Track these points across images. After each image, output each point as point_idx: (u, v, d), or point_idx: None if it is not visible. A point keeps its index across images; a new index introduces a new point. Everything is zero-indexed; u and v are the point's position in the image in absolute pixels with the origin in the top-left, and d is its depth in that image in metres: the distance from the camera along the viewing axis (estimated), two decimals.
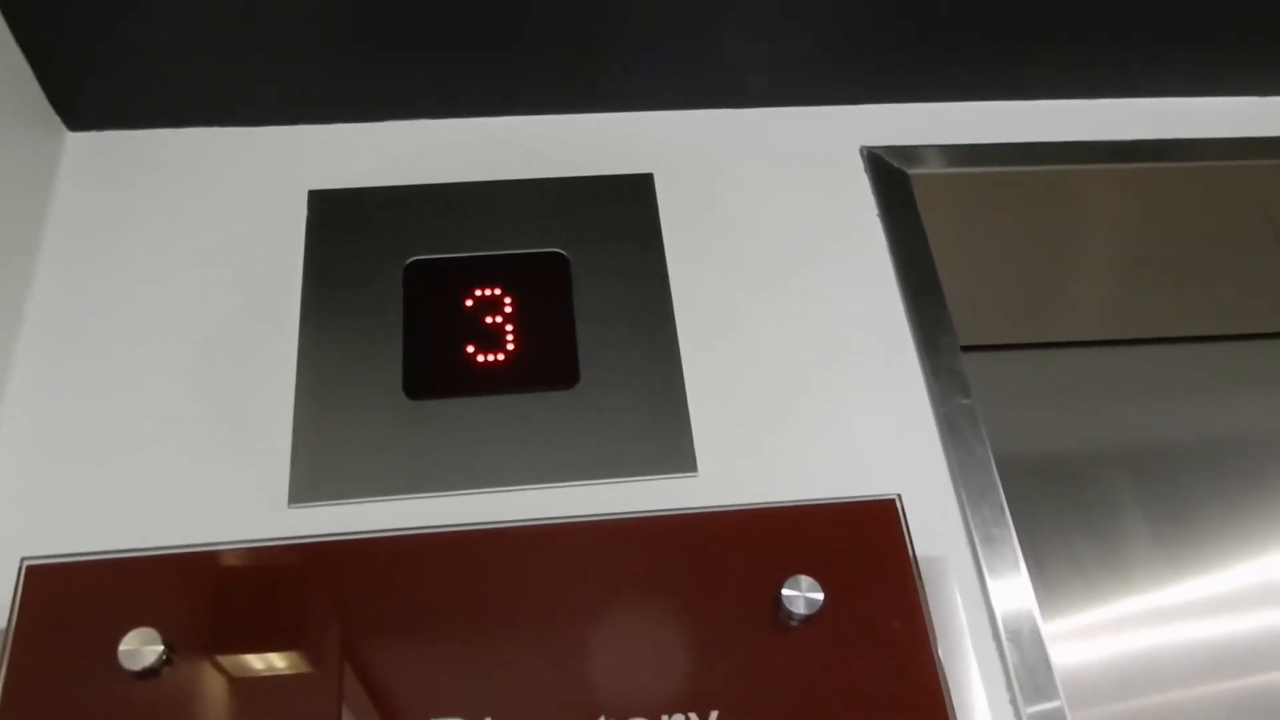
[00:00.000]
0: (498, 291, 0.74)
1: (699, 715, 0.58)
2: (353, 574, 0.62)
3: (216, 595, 0.61)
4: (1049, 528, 1.05)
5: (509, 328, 0.73)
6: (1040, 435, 1.07)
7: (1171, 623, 1.02)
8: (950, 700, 0.60)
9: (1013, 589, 0.66)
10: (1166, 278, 1.00)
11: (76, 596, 0.59)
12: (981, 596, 0.65)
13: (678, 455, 0.68)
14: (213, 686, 0.58)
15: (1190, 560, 1.05)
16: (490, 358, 0.72)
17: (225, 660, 0.59)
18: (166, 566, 0.61)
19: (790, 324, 0.74)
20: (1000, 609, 0.65)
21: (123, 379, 0.69)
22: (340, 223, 0.76)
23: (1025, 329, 1.03)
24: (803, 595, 0.60)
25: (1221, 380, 1.09)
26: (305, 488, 0.66)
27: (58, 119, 0.79)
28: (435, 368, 0.71)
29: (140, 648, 0.57)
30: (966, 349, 0.76)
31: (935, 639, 0.61)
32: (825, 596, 0.61)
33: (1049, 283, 0.99)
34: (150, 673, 0.57)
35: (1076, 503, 1.06)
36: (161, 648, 0.57)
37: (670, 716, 0.58)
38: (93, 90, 0.78)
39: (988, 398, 0.74)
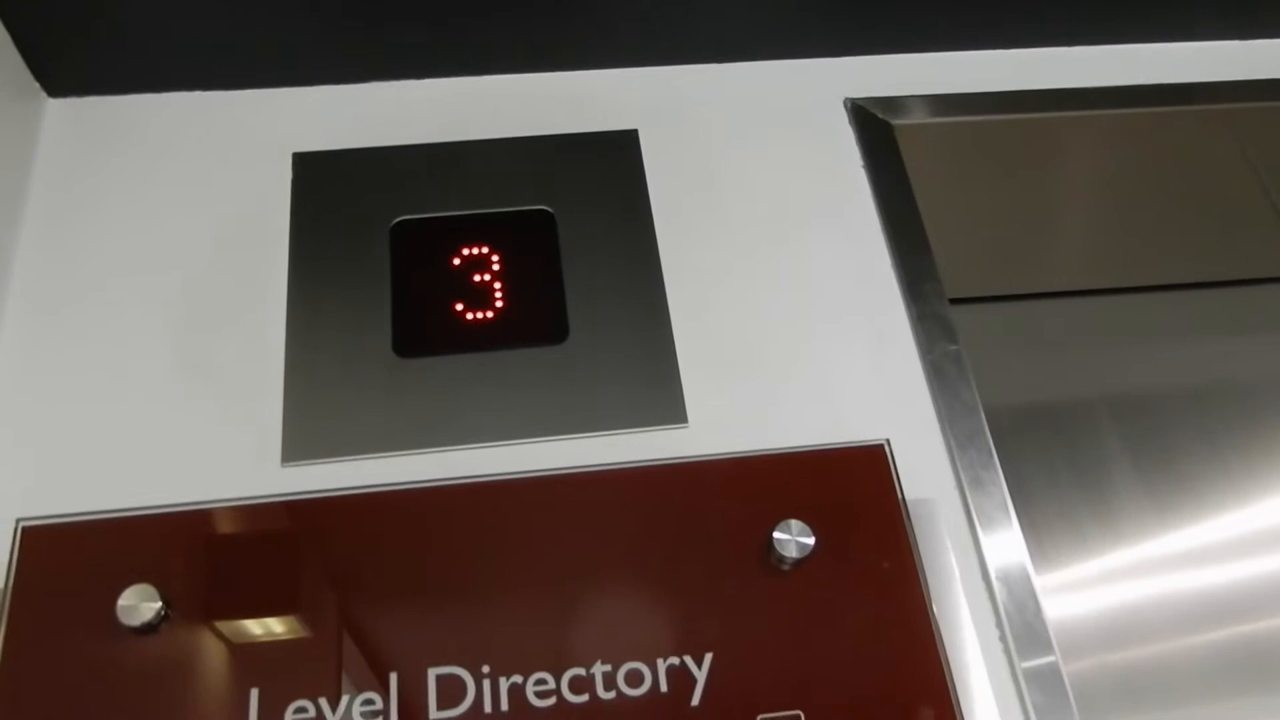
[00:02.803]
0: (485, 250, 0.74)
1: (693, 658, 0.59)
2: (348, 529, 0.62)
3: (214, 553, 0.61)
4: (1038, 478, 1.05)
5: (497, 285, 0.73)
6: (1028, 387, 1.07)
7: (1161, 572, 1.03)
8: (941, 640, 0.60)
9: (1002, 531, 0.66)
10: (1151, 225, 1.01)
11: (73, 556, 0.60)
12: (971, 539, 0.66)
13: (668, 407, 0.69)
14: (212, 642, 0.58)
15: (1178, 508, 1.06)
16: (479, 315, 0.72)
17: (224, 616, 0.59)
18: (163, 525, 0.61)
19: (777, 275, 0.74)
20: (990, 551, 0.65)
21: (110, 343, 0.69)
22: (325, 184, 0.76)
23: (1011, 280, 1.03)
24: (794, 539, 0.61)
25: (1207, 327, 1.09)
26: (298, 446, 0.66)
27: (37, 85, 0.79)
28: (424, 326, 0.71)
29: (139, 604, 0.57)
30: (954, 301, 0.76)
31: (926, 581, 0.62)
32: (816, 540, 0.61)
33: (1034, 232, 0.99)
34: (149, 628, 0.57)
35: (1066, 453, 1.07)
36: (160, 604, 0.57)
37: (665, 660, 0.59)
38: (72, 56, 0.78)
39: (975, 350, 0.75)
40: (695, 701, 0.58)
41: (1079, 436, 1.08)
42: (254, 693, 0.57)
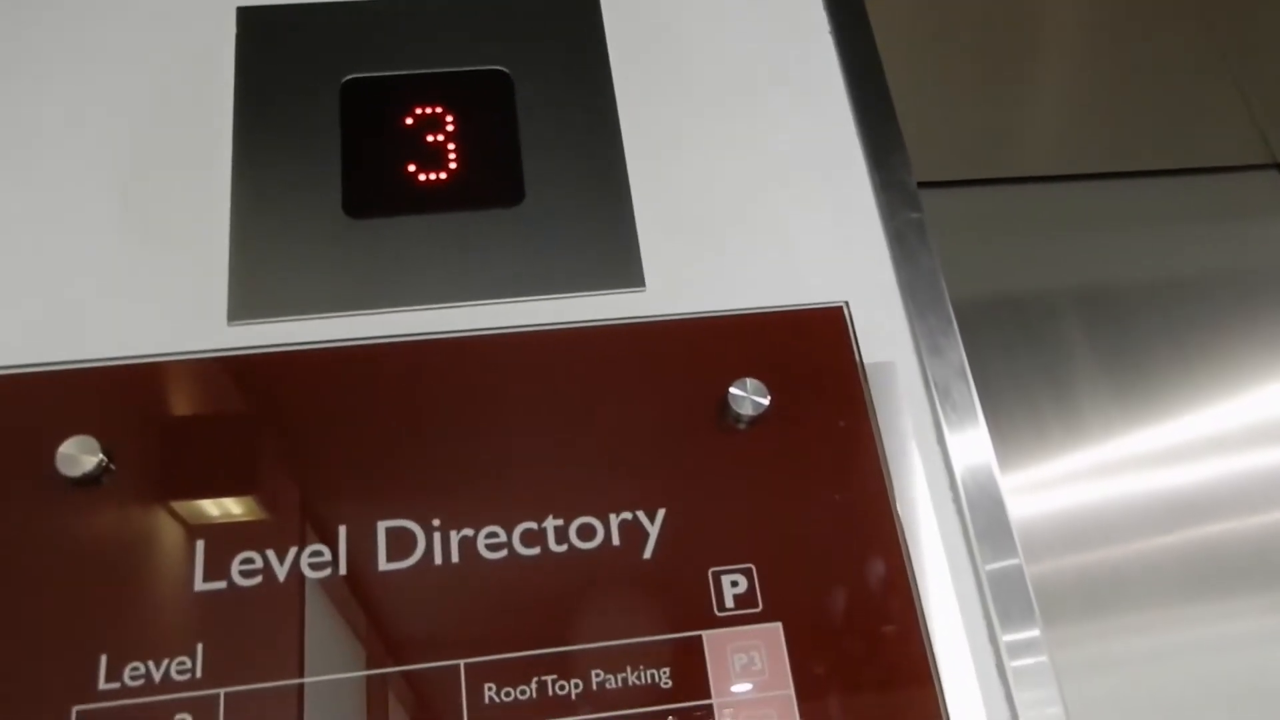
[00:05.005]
0: (439, 110, 0.72)
1: (646, 513, 0.59)
2: (298, 385, 0.61)
3: (160, 407, 0.60)
4: (1002, 375, 1.05)
5: (451, 146, 0.71)
6: (993, 277, 1.07)
7: (1123, 472, 1.04)
8: (894, 497, 0.61)
9: (958, 396, 0.66)
10: (1122, 109, 0.99)
11: (10, 408, 0.58)
12: (927, 402, 0.65)
13: (625, 270, 0.67)
14: (156, 495, 0.57)
15: (1142, 405, 1.06)
16: (432, 176, 0.70)
17: (169, 469, 0.58)
18: (107, 378, 0.60)
19: (739, 140, 0.73)
20: (946, 415, 0.65)
21: (46, 196, 0.67)
22: (272, 41, 0.73)
23: (978, 164, 1.02)
24: (749, 397, 0.61)
25: (1174, 216, 1.09)
26: (245, 305, 0.64)
27: None
28: (376, 186, 0.69)
29: (79, 454, 0.56)
30: (920, 185, 0.75)
31: (881, 442, 0.62)
32: (772, 399, 0.61)
33: (1004, 112, 0.97)
34: (90, 480, 0.56)
35: (1031, 347, 1.07)
36: (101, 456, 0.56)
37: (618, 515, 0.58)
38: None
39: (940, 237, 0.74)
40: (647, 555, 0.57)
41: (1044, 330, 1.07)
42: (200, 544, 0.56)
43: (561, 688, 0.54)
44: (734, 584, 0.57)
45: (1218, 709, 0.92)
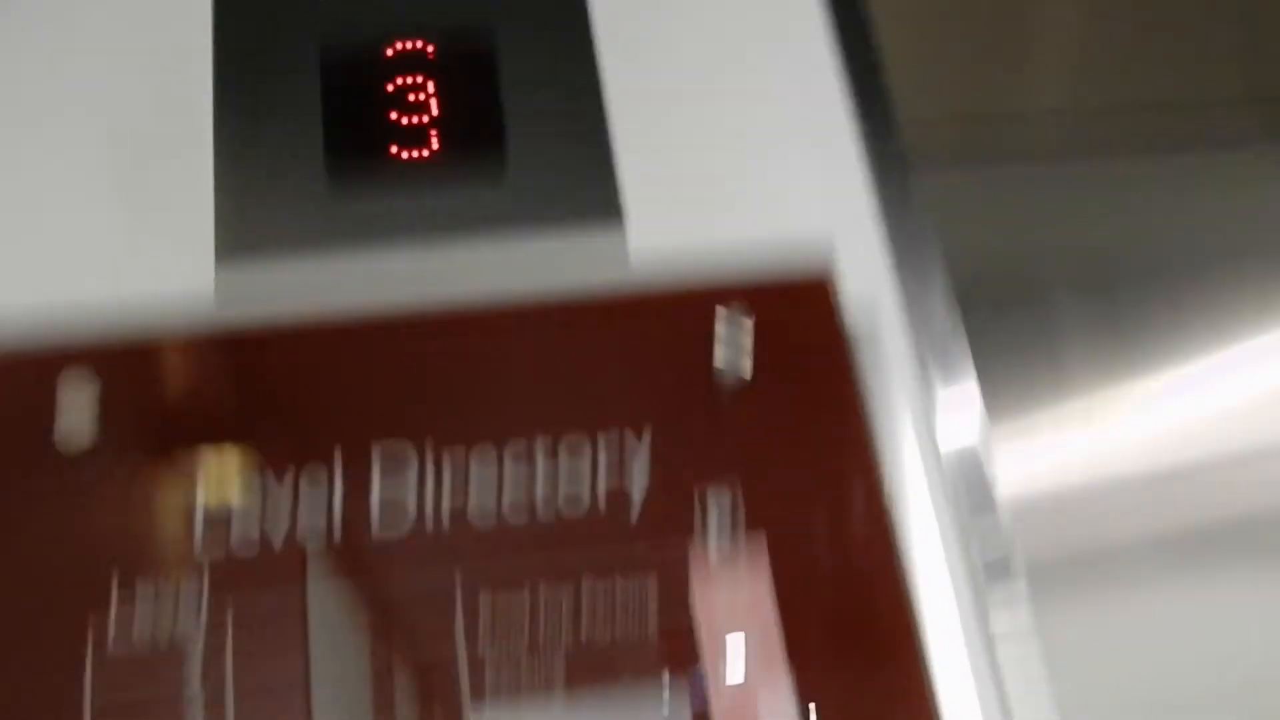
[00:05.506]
0: (419, 79, 0.72)
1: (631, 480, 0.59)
2: (291, 355, 0.62)
3: (151, 384, 0.61)
4: (993, 338, 1.05)
5: (433, 116, 0.71)
6: (988, 244, 1.07)
7: (1118, 445, 1.04)
8: (883, 467, 0.61)
9: (948, 368, 0.66)
10: (1116, 81, 0.99)
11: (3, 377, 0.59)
12: (917, 372, 0.66)
13: (610, 249, 0.68)
14: (149, 471, 0.58)
15: (1136, 374, 1.06)
16: (415, 153, 0.70)
17: (163, 446, 0.59)
18: (100, 349, 0.60)
19: (727, 110, 0.73)
20: (935, 385, 0.65)
21: (26, 171, 0.67)
22: (249, 11, 0.73)
23: (974, 142, 1.02)
24: (736, 360, 0.62)
25: (1175, 194, 1.09)
26: (231, 292, 0.64)
27: None
28: (357, 158, 0.69)
29: (74, 425, 0.57)
30: (917, 161, 0.75)
31: (870, 408, 0.63)
32: (758, 368, 0.62)
33: (999, 90, 0.97)
34: (85, 451, 0.57)
35: (1024, 313, 1.06)
36: (96, 427, 0.57)
37: (603, 484, 0.59)
38: None
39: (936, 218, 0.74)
40: (633, 521, 0.58)
41: (1037, 298, 1.07)
42: (198, 515, 0.57)
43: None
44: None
45: (1210, 687, 0.93)
